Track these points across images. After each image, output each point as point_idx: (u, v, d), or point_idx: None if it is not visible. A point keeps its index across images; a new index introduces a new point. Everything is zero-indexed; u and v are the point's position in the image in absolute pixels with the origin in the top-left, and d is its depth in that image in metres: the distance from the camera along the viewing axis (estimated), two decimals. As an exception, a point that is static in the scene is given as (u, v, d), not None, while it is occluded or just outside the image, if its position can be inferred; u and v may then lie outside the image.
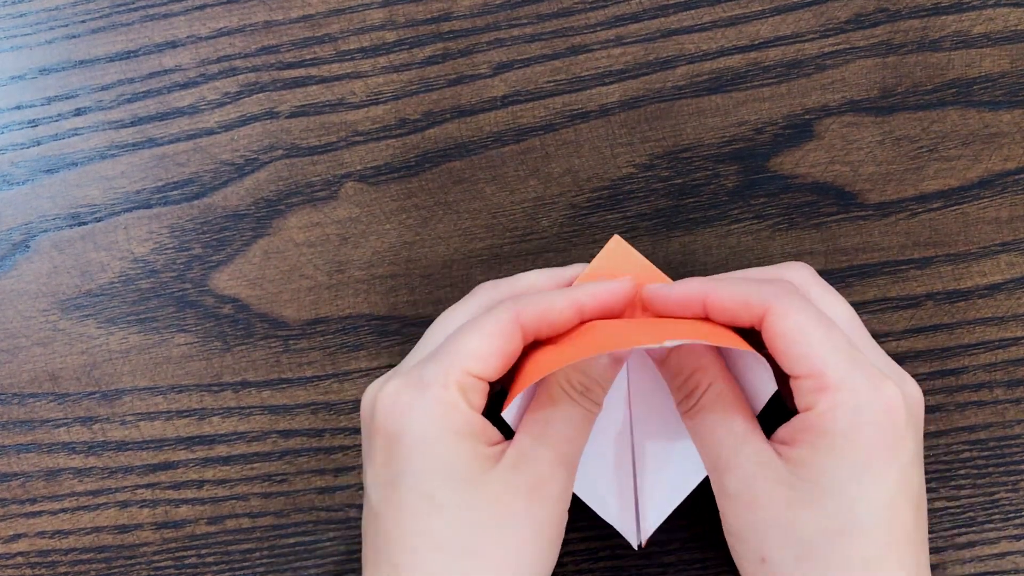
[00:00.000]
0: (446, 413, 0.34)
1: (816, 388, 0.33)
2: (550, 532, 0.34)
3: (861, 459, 0.33)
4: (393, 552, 0.34)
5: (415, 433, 0.34)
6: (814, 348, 0.34)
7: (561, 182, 0.43)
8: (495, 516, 0.34)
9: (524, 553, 0.34)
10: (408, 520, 0.34)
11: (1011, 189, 0.43)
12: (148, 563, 0.43)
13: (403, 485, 0.34)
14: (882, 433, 0.33)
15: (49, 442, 0.43)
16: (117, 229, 0.43)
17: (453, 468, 0.33)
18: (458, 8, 0.43)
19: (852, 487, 0.33)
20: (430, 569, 0.33)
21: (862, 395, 0.33)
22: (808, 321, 0.34)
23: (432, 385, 0.34)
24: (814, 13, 0.43)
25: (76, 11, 0.43)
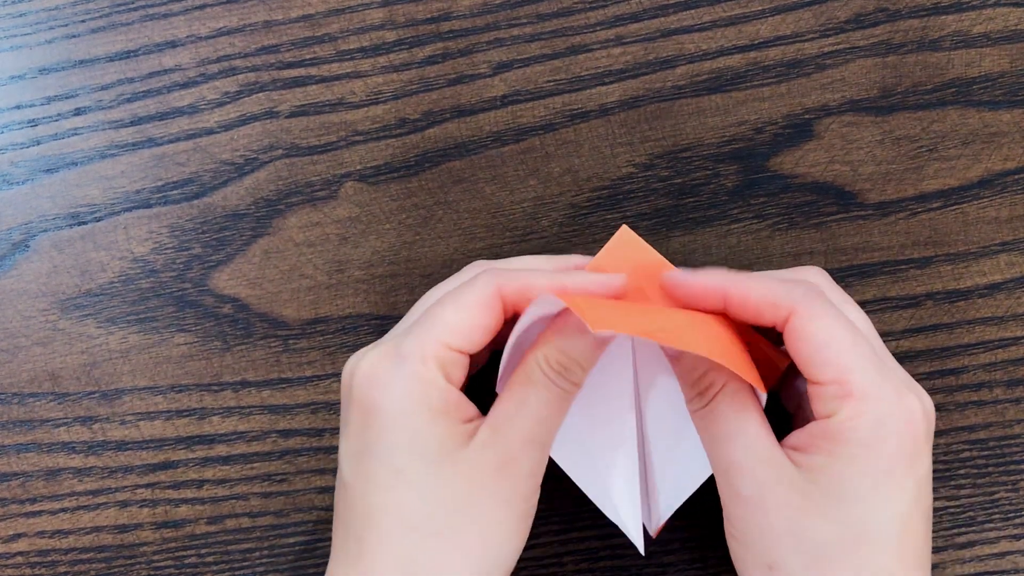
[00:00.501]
0: (422, 389, 0.33)
1: (839, 395, 0.33)
2: (518, 509, 0.34)
3: (881, 470, 0.33)
4: (360, 527, 0.34)
5: (390, 407, 0.33)
6: (841, 355, 0.33)
7: (561, 182, 0.43)
8: (463, 494, 0.33)
9: (492, 531, 0.33)
10: (376, 494, 0.33)
11: (1011, 189, 0.43)
12: (148, 563, 0.43)
13: (374, 458, 0.33)
14: (903, 445, 0.33)
15: (49, 442, 0.43)
16: (117, 229, 0.43)
17: (425, 445, 0.33)
18: (458, 8, 0.43)
19: (870, 498, 0.33)
20: (395, 545, 0.33)
21: (886, 406, 0.33)
22: (835, 326, 0.33)
23: (409, 359, 0.34)
24: (814, 13, 0.43)
25: (76, 11, 0.43)
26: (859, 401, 0.33)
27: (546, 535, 0.42)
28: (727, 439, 0.34)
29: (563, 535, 0.42)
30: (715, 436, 0.35)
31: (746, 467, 0.34)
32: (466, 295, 0.34)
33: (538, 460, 0.34)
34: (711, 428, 0.35)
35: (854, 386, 0.33)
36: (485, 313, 0.34)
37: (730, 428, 0.34)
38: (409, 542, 0.33)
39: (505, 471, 0.33)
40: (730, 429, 0.34)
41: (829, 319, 0.33)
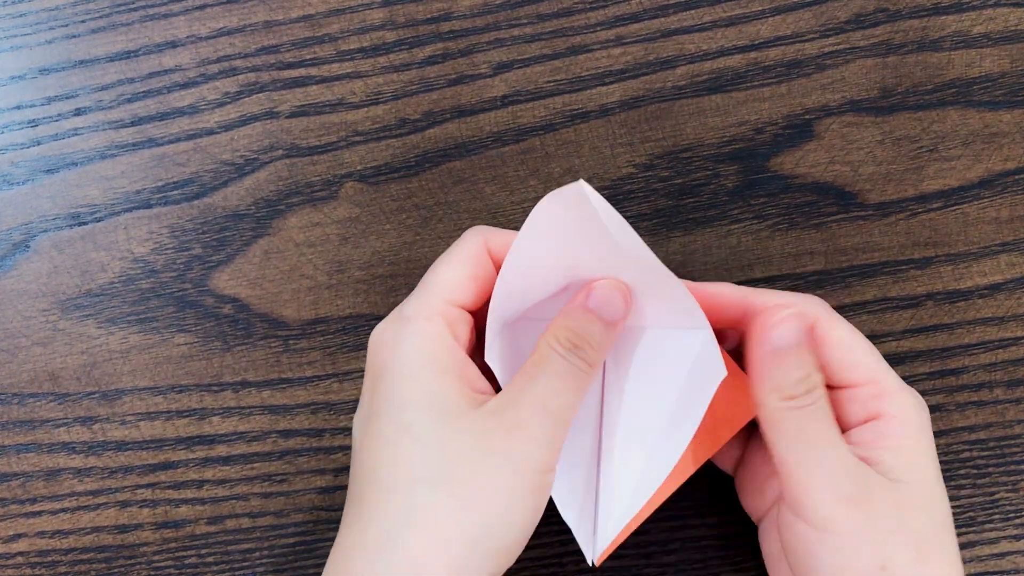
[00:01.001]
0: (430, 345, 0.33)
1: (876, 394, 0.35)
2: (529, 478, 0.33)
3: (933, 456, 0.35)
4: (364, 485, 0.33)
5: (398, 366, 0.33)
6: (868, 356, 0.35)
7: (561, 182, 0.43)
8: (471, 449, 0.32)
9: (500, 489, 0.32)
10: (382, 451, 0.33)
11: (1011, 189, 0.43)
12: (148, 563, 0.43)
13: (382, 417, 0.33)
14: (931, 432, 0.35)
15: (49, 442, 0.43)
16: (117, 229, 0.43)
17: (432, 400, 0.33)
18: (458, 8, 0.43)
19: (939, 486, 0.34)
20: (398, 496, 0.32)
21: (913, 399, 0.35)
22: (854, 333, 0.36)
23: (414, 318, 0.34)
24: (814, 13, 0.43)
25: (76, 11, 0.43)
26: (897, 397, 0.35)
27: (546, 535, 0.42)
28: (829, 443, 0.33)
29: (563, 535, 0.42)
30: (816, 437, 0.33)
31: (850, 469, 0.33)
32: (456, 252, 0.35)
33: (551, 431, 0.33)
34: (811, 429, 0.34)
35: (886, 384, 0.35)
36: (475, 265, 0.35)
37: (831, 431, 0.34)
38: (411, 493, 0.32)
39: (515, 434, 0.33)
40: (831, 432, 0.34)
41: (846, 327, 0.36)
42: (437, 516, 0.32)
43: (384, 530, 0.32)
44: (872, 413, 0.35)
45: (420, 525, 0.32)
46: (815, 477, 0.33)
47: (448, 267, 0.35)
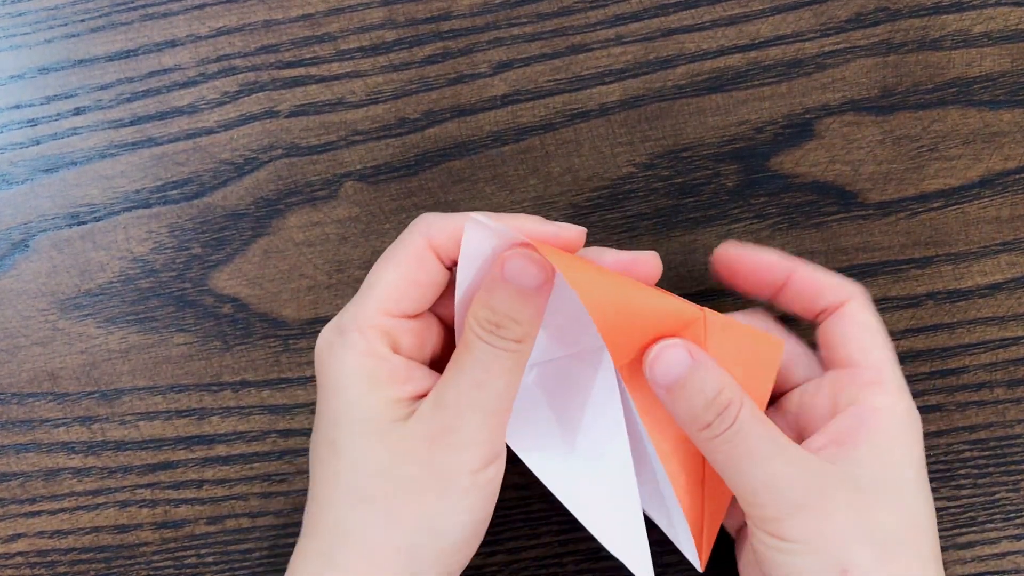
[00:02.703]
0: (360, 361, 0.33)
1: (872, 381, 0.35)
2: (459, 482, 0.32)
3: (917, 459, 0.34)
4: (310, 497, 0.34)
5: (331, 381, 0.33)
6: (884, 345, 0.36)
7: (561, 181, 0.43)
8: (393, 465, 0.32)
9: (427, 503, 0.32)
10: (316, 467, 0.34)
11: (1012, 188, 0.43)
12: (147, 563, 0.42)
13: (318, 432, 0.34)
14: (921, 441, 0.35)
15: (48, 442, 0.43)
16: (116, 229, 0.43)
17: (357, 416, 0.32)
18: (458, 7, 0.43)
19: (916, 485, 0.34)
20: (328, 514, 0.33)
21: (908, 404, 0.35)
22: (876, 324, 0.36)
23: (348, 331, 0.33)
24: (814, 12, 0.43)
25: (75, 10, 0.43)
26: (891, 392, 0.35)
27: (546, 535, 0.42)
28: (764, 457, 0.32)
29: (563, 535, 0.42)
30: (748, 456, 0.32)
31: (794, 475, 0.32)
32: (397, 254, 0.33)
33: (482, 428, 0.32)
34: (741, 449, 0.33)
35: (885, 375, 0.35)
36: (417, 268, 0.33)
37: (763, 444, 0.32)
38: (339, 510, 0.32)
39: (440, 441, 0.32)
40: (764, 445, 0.32)
41: (876, 317, 0.36)
42: (364, 533, 0.32)
43: (319, 547, 0.33)
44: (862, 399, 0.34)
45: (350, 543, 0.32)
46: (759, 494, 0.32)
47: (387, 271, 0.33)
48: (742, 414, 0.33)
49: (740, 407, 0.33)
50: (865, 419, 0.34)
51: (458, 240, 0.33)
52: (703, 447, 0.34)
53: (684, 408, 0.33)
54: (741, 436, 0.33)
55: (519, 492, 0.43)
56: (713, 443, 0.33)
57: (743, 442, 0.32)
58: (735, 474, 0.33)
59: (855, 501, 0.32)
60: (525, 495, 0.42)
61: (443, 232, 0.33)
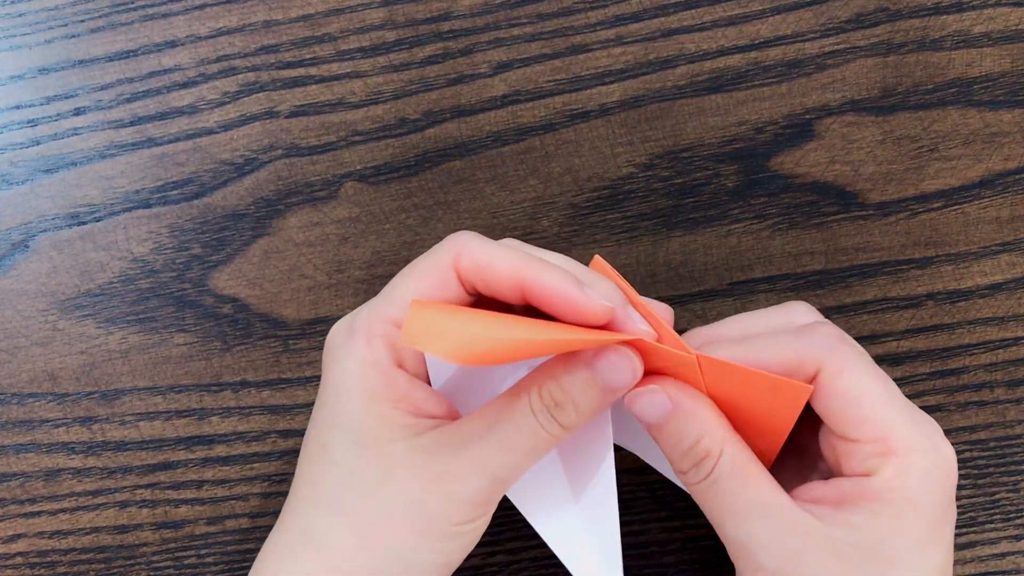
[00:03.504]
0: (362, 370, 0.31)
1: (879, 452, 0.31)
2: (444, 529, 0.31)
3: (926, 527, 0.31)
4: (292, 490, 0.33)
5: (332, 382, 0.32)
6: (877, 409, 0.31)
7: (561, 182, 0.43)
8: (381, 488, 0.31)
9: (404, 537, 0.31)
10: (304, 463, 0.33)
11: (1012, 189, 0.43)
12: (147, 563, 0.42)
13: (313, 428, 0.33)
14: (943, 498, 0.31)
15: (48, 442, 0.43)
16: (116, 229, 0.43)
17: (354, 425, 0.31)
18: (458, 7, 0.43)
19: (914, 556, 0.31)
20: (302, 516, 0.32)
21: (928, 459, 0.31)
22: (866, 378, 0.31)
23: (357, 335, 0.32)
24: (814, 13, 0.43)
25: (75, 11, 0.43)
26: (902, 457, 0.31)
27: (546, 535, 0.42)
28: (739, 514, 0.31)
29: (563, 535, 0.42)
30: (723, 511, 0.31)
31: (769, 540, 0.31)
32: (423, 266, 0.32)
33: (485, 492, 0.31)
34: (717, 502, 0.31)
35: (895, 443, 0.31)
36: (437, 285, 0.32)
37: (739, 501, 0.31)
38: (313, 515, 0.32)
39: (435, 486, 0.30)
40: (739, 502, 0.31)
41: (857, 371, 0.31)
42: (333, 545, 0.31)
43: (287, 543, 0.32)
44: (869, 468, 0.31)
45: (316, 549, 0.32)
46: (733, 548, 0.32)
47: (408, 281, 0.32)
48: (720, 466, 0.31)
49: (718, 459, 0.31)
50: (868, 489, 0.31)
51: (480, 269, 0.31)
52: (688, 491, 0.33)
53: (666, 450, 0.32)
54: (717, 489, 0.31)
55: (519, 492, 0.43)
56: (692, 490, 0.32)
57: (719, 496, 0.31)
58: (715, 526, 0.32)
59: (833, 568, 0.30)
60: (525, 495, 0.42)
61: (473, 255, 0.31)
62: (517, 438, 0.30)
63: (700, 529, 0.42)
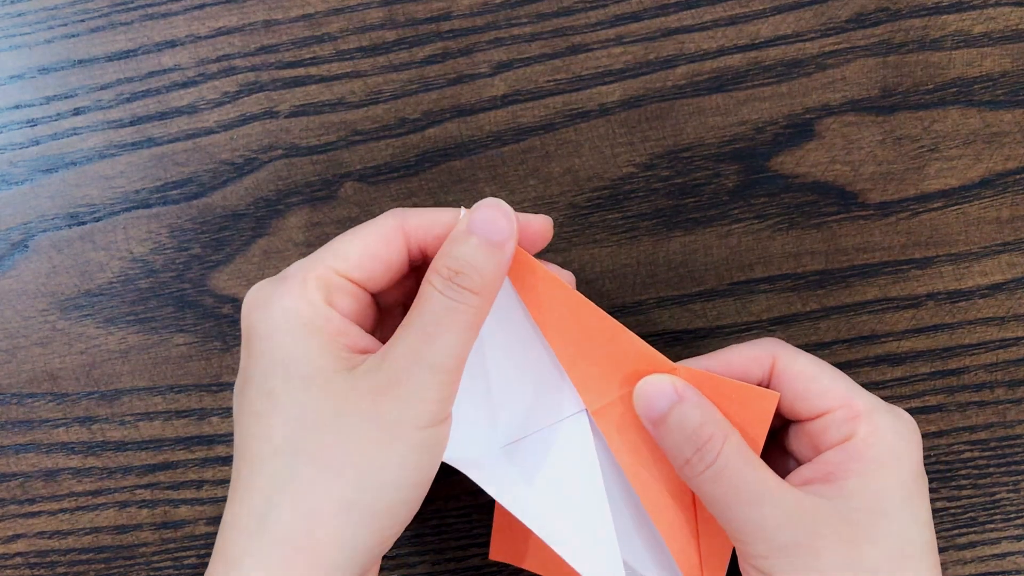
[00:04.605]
0: (297, 306, 0.31)
1: (849, 417, 0.34)
2: (408, 436, 0.31)
3: (910, 478, 0.33)
4: (237, 460, 0.32)
5: (264, 327, 0.32)
6: (835, 382, 0.34)
7: (561, 182, 0.43)
8: (335, 415, 0.31)
9: (370, 456, 0.30)
10: (251, 422, 0.32)
11: (1012, 189, 0.42)
12: (147, 563, 0.42)
13: (251, 385, 0.32)
14: (918, 453, 0.34)
15: (48, 442, 0.43)
16: (116, 229, 0.43)
17: (296, 363, 0.31)
18: (458, 7, 0.43)
19: (904, 509, 0.33)
20: (263, 471, 0.31)
21: (890, 416, 0.34)
22: (812, 362, 0.35)
23: (289, 280, 0.32)
24: (815, 12, 0.43)
25: (75, 10, 0.43)
26: (870, 416, 0.34)
27: (546, 536, 0.42)
28: (751, 497, 0.32)
29: (563, 536, 0.42)
30: (732, 495, 0.32)
31: (782, 517, 0.32)
32: (365, 227, 0.33)
33: (429, 384, 0.31)
34: (726, 489, 0.33)
35: (859, 406, 0.34)
36: (381, 244, 0.33)
37: (750, 485, 0.32)
38: (274, 466, 0.31)
39: (385, 394, 0.31)
40: (751, 486, 0.32)
41: (804, 357, 0.35)
42: (302, 487, 0.30)
43: (254, 507, 0.31)
44: (845, 434, 0.34)
45: (287, 498, 0.31)
46: (747, 533, 0.32)
47: (348, 238, 0.33)
48: (725, 450, 0.33)
49: (723, 442, 0.33)
50: (851, 452, 0.33)
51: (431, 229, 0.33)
52: (692, 486, 0.34)
53: (669, 443, 0.34)
54: (726, 475, 0.33)
55: (519, 492, 0.42)
56: (697, 481, 0.33)
57: (728, 481, 0.33)
58: (722, 513, 0.33)
59: (844, 536, 0.32)
60: (525, 495, 0.42)
61: (417, 217, 0.33)
62: (437, 320, 0.31)
63: (700, 529, 0.42)
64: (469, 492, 0.42)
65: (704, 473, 0.33)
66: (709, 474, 0.33)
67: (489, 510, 0.42)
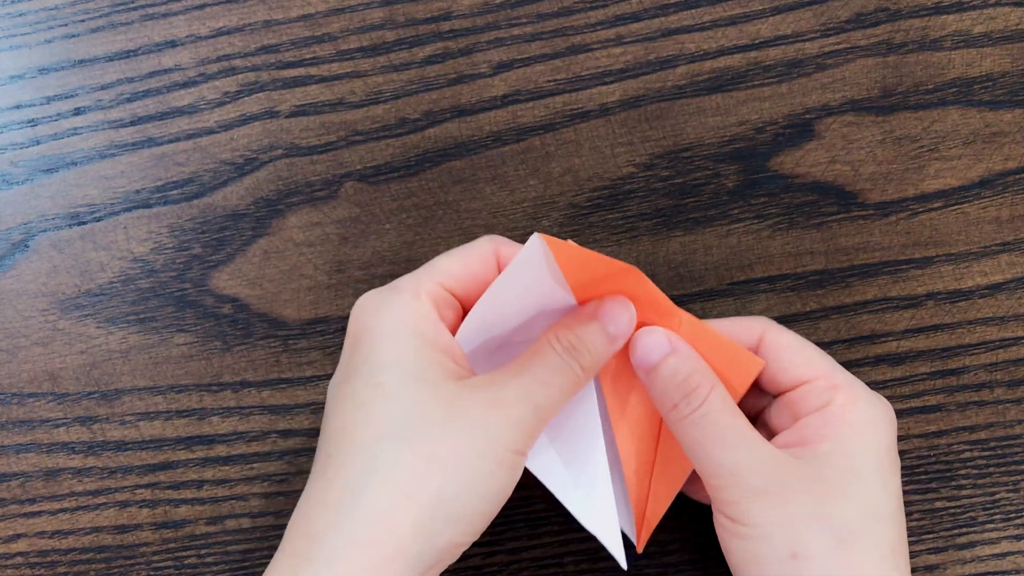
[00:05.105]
0: (413, 317, 0.33)
1: (829, 387, 0.36)
2: (502, 453, 0.32)
3: (883, 448, 0.35)
4: (332, 444, 0.33)
5: (379, 330, 0.33)
6: (819, 355, 0.37)
7: (561, 182, 0.43)
8: (445, 415, 0.32)
9: (469, 457, 0.32)
10: (354, 410, 0.33)
11: (1012, 189, 0.43)
12: (147, 563, 0.42)
13: (358, 378, 0.33)
14: (892, 431, 0.36)
15: (48, 442, 0.43)
16: (116, 229, 0.43)
17: (409, 364, 0.33)
18: (458, 7, 0.43)
19: (876, 475, 0.34)
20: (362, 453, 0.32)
21: (868, 393, 0.36)
22: (799, 338, 0.37)
23: (404, 291, 0.34)
24: (814, 12, 0.43)
25: (75, 10, 0.43)
26: (849, 389, 0.35)
27: (546, 535, 0.42)
28: (728, 441, 0.34)
29: (563, 535, 0.42)
30: (712, 438, 0.35)
31: (756, 464, 0.34)
32: (466, 248, 0.36)
33: (530, 417, 0.33)
34: (706, 432, 0.35)
35: (839, 378, 0.36)
36: (480, 264, 0.35)
37: (728, 430, 0.35)
38: (377, 449, 0.32)
39: (494, 409, 0.33)
40: (728, 431, 0.35)
41: (790, 333, 0.37)
42: (402, 473, 0.31)
43: (347, 485, 0.31)
44: (824, 402, 0.35)
45: (384, 481, 0.31)
46: (722, 476, 0.34)
47: (451, 257, 0.36)
48: (711, 398, 0.35)
49: (710, 391, 0.35)
50: (828, 418, 0.35)
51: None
52: (675, 429, 0.36)
53: (658, 389, 0.36)
54: (708, 419, 0.35)
55: (520, 492, 0.42)
56: (682, 424, 0.35)
57: (710, 426, 0.35)
58: (701, 456, 0.35)
59: (814, 491, 0.34)
60: (526, 495, 0.42)
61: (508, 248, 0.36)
62: (550, 373, 0.34)
63: (700, 528, 0.42)
64: (469, 492, 0.42)
65: (689, 416, 0.35)
66: (694, 418, 0.35)
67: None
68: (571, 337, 0.35)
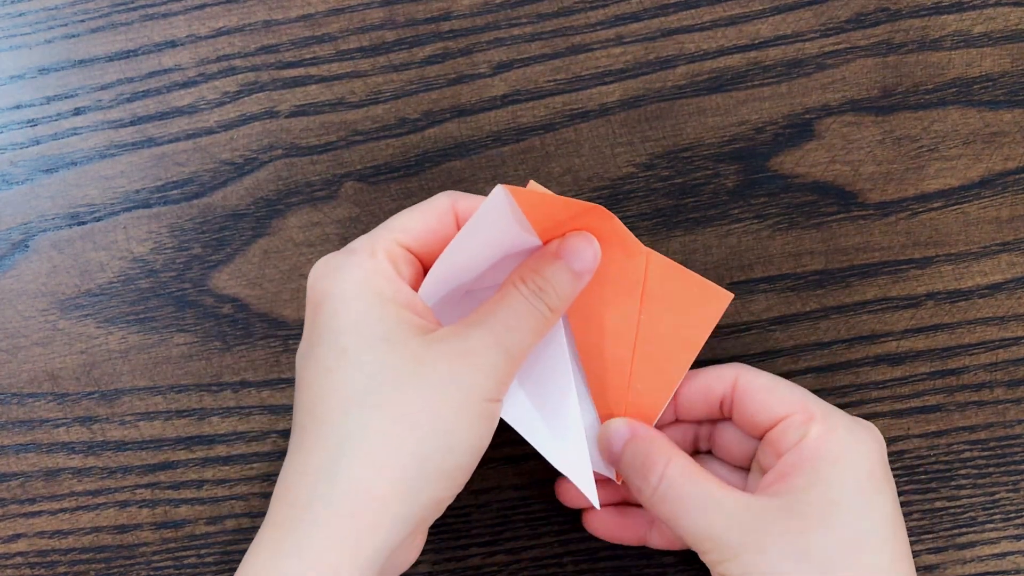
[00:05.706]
0: (369, 276, 0.33)
1: (805, 420, 0.36)
2: (476, 404, 0.32)
3: (864, 474, 0.35)
4: (304, 415, 0.33)
5: (337, 293, 0.33)
6: (792, 391, 0.37)
7: (561, 182, 0.43)
8: (412, 373, 0.32)
9: (443, 412, 0.32)
10: (322, 378, 0.32)
11: (1012, 189, 0.43)
12: (147, 563, 0.42)
13: (321, 345, 0.33)
14: (877, 456, 0.35)
15: (48, 442, 0.43)
16: (116, 229, 0.43)
17: (372, 325, 0.32)
18: (458, 7, 0.43)
19: (859, 502, 0.34)
20: (335, 423, 0.32)
21: (847, 420, 0.36)
22: (772, 377, 0.38)
23: (359, 252, 0.34)
24: (814, 12, 0.43)
25: (75, 10, 0.43)
26: (824, 419, 0.36)
27: (546, 535, 0.42)
28: (696, 508, 0.35)
29: (563, 535, 0.42)
30: (681, 510, 0.35)
31: (729, 522, 0.34)
32: (422, 205, 0.36)
33: (500, 363, 0.33)
34: (674, 504, 0.35)
35: (815, 410, 0.36)
36: (437, 219, 0.35)
37: (693, 497, 0.35)
38: (348, 418, 0.32)
39: (462, 360, 0.32)
40: (693, 498, 0.35)
41: (764, 375, 0.38)
42: (376, 438, 0.31)
43: (324, 456, 0.31)
44: (800, 436, 0.36)
45: (360, 448, 0.31)
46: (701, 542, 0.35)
47: (408, 214, 0.35)
48: (668, 472, 0.35)
49: (666, 465, 0.35)
50: (804, 452, 0.35)
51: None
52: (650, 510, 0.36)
53: (627, 476, 0.37)
54: (672, 492, 0.35)
55: (520, 492, 0.43)
56: (652, 502, 0.36)
57: (676, 498, 0.35)
58: (679, 528, 0.35)
59: (791, 528, 0.34)
60: (525, 495, 0.42)
61: (466, 201, 0.36)
62: (517, 317, 0.34)
63: (700, 529, 0.42)
64: (469, 492, 0.42)
65: (653, 495, 0.35)
66: (657, 496, 0.35)
67: (488, 509, 0.42)
68: (536, 278, 0.34)
